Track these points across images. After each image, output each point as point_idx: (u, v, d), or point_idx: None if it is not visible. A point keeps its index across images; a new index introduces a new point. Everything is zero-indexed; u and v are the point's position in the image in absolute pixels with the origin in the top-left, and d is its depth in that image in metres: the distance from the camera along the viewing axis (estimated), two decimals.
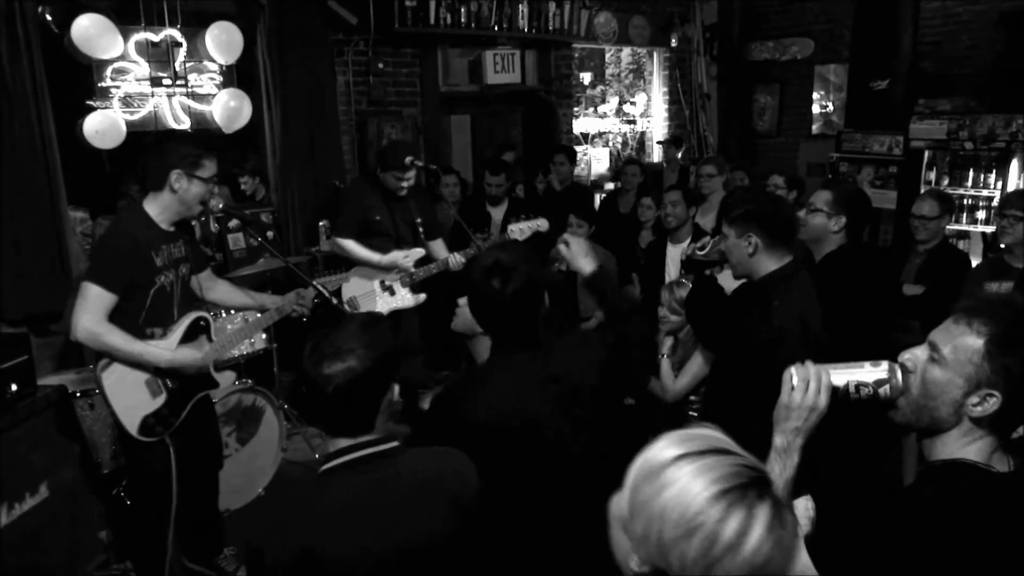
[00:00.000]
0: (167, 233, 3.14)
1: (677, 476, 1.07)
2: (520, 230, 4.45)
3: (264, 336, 4.70)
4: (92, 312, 2.91)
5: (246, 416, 4.29)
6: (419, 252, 4.58)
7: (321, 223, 5.69)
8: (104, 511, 3.72)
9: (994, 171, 6.29)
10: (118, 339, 2.96)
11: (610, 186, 8.23)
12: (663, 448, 1.12)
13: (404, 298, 4.60)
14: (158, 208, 3.10)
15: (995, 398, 1.42)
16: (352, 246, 4.55)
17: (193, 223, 5.22)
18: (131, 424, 3.07)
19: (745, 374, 2.53)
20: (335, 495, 1.65)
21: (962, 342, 1.45)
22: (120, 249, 3.01)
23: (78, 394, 3.70)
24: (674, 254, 4.66)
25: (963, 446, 1.48)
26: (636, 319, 2.47)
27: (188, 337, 3.21)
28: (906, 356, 1.54)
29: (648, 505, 1.07)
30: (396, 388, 1.73)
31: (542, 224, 4.51)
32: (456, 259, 4.49)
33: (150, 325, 3.11)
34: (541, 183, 6.96)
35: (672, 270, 4.64)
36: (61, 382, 3.73)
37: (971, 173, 6.42)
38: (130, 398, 3.07)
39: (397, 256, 4.48)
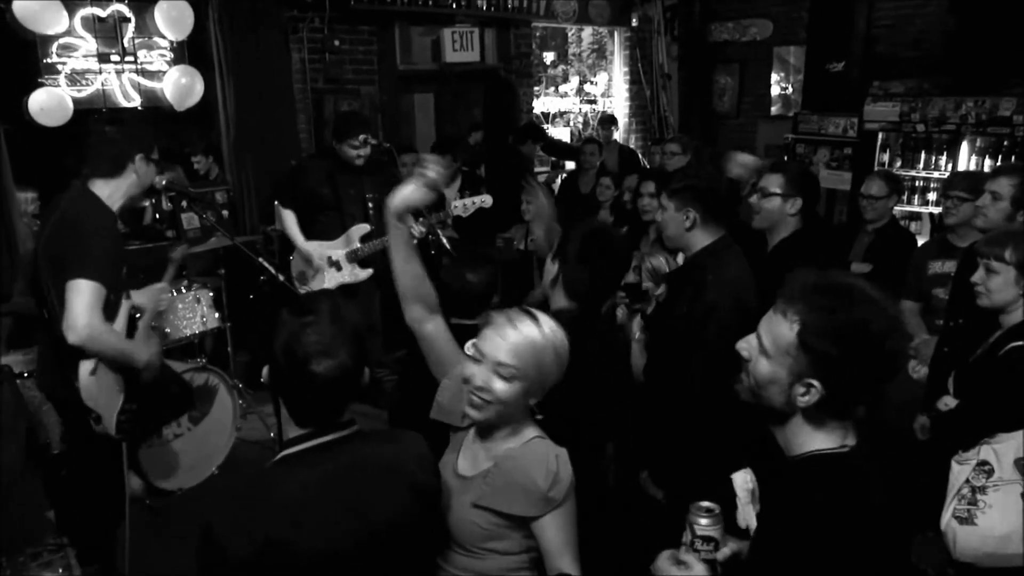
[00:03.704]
0: (117, 219, 3.06)
1: (552, 341, 1.83)
2: (464, 205, 4.48)
3: (217, 315, 4.67)
4: (93, 310, 2.71)
5: (199, 395, 4.24)
6: (363, 228, 4.57)
7: (276, 202, 5.65)
8: (51, 491, 3.69)
9: (945, 153, 6.41)
10: (114, 339, 2.84)
11: (571, 166, 8.25)
12: (513, 326, 1.82)
13: (350, 273, 4.60)
14: (110, 191, 2.97)
15: (816, 388, 1.40)
16: (288, 218, 4.60)
17: (146, 204, 5.21)
18: (111, 426, 2.96)
19: (682, 347, 2.59)
20: (296, 483, 1.60)
21: (779, 333, 1.43)
22: (107, 238, 2.86)
23: (25, 374, 3.65)
24: None
25: (811, 435, 1.46)
26: None
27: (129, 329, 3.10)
28: (742, 344, 1.52)
29: (531, 357, 1.80)
30: (367, 370, 1.70)
31: (486, 200, 4.56)
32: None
33: (109, 317, 2.96)
34: None
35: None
36: (7, 362, 3.67)
37: (923, 155, 6.53)
38: (108, 397, 2.97)
39: (313, 251, 4.49)
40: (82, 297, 2.70)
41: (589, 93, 9.65)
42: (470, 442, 1.92)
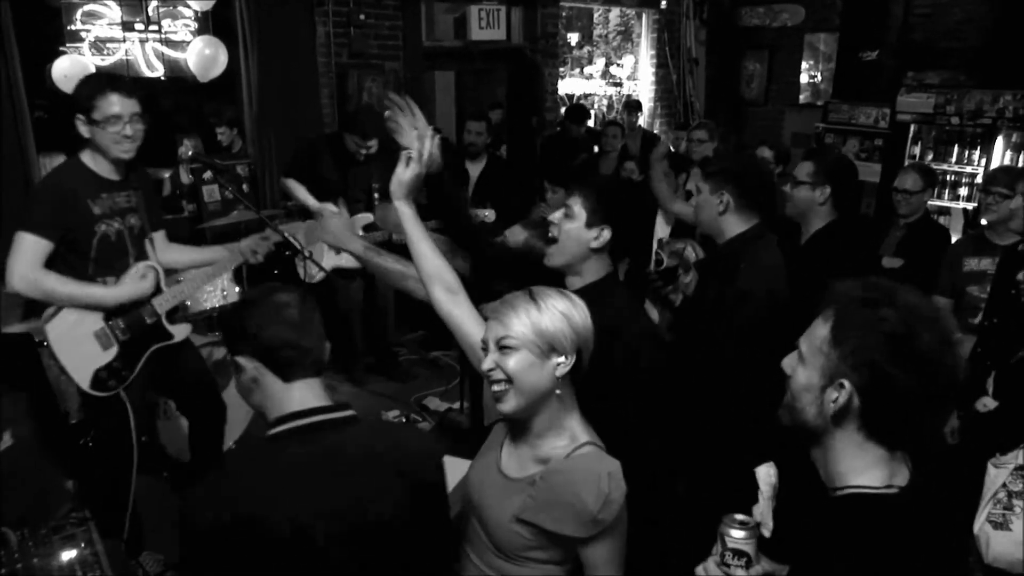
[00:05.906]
0: (110, 182, 2.98)
1: (552, 305, 1.72)
2: (475, 214, 4.59)
3: (237, 289, 4.63)
4: (25, 260, 2.82)
5: (217, 369, 4.23)
6: (367, 218, 4.54)
7: (284, 177, 5.62)
8: (71, 460, 3.68)
9: (979, 148, 6.27)
10: (54, 281, 2.88)
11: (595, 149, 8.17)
12: (508, 304, 1.73)
13: (345, 258, 4.58)
14: (89, 157, 2.96)
15: (846, 388, 1.30)
16: (298, 187, 4.55)
17: (164, 176, 5.16)
18: (82, 379, 3.00)
19: (711, 335, 2.55)
20: (282, 461, 1.58)
21: (814, 333, 1.36)
22: (48, 196, 2.92)
23: (44, 343, 3.62)
24: (663, 220, 4.65)
25: (851, 463, 1.35)
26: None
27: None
28: (785, 361, 1.44)
29: (560, 324, 1.70)
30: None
31: (489, 216, 4.73)
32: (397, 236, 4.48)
33: (101, 275, 3.00)
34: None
35: (661, 235, 4.61)
36: (27, 330, 3.65)
37: (956, 149, 6.41)
38: (79, 351, 2.99)
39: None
40: (15, 249, 2.82)
41: (615, 76, 9.52)
42: (511, 437, 1.83)
